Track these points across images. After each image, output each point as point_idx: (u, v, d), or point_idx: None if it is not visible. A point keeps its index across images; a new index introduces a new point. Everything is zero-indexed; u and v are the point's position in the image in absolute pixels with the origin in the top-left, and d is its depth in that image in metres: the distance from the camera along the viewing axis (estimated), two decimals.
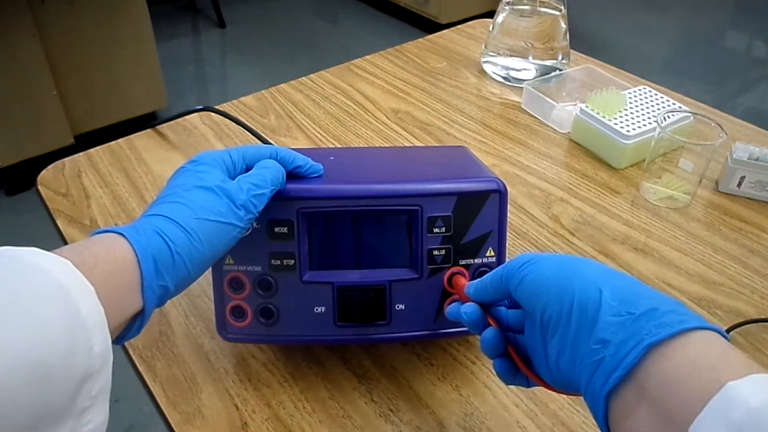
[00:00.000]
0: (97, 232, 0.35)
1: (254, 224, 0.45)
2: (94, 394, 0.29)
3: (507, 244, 0.49)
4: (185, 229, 0.37)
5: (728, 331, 0.54)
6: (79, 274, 0.30)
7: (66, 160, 0.75)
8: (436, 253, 0.47)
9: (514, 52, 0.90)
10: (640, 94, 0.79)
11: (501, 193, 0.47)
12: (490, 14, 0.95)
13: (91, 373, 0.29)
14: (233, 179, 0.42)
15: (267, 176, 0.42)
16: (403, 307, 0.47)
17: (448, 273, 0.47)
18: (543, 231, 0.65)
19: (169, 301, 0.39)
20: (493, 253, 0.48)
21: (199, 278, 0.39)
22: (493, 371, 0.50)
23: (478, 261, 0.47)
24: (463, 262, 0.47)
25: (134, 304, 0.34)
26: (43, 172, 0.73)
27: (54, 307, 0.28)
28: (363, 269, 0.47)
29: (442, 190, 0.46)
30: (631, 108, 0.76)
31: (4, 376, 0.25)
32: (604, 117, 0.74)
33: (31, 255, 0.30)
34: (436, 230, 0.46)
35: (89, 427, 0.30)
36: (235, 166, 0.43)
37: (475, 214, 0.47)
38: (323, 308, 0.47)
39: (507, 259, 0.49)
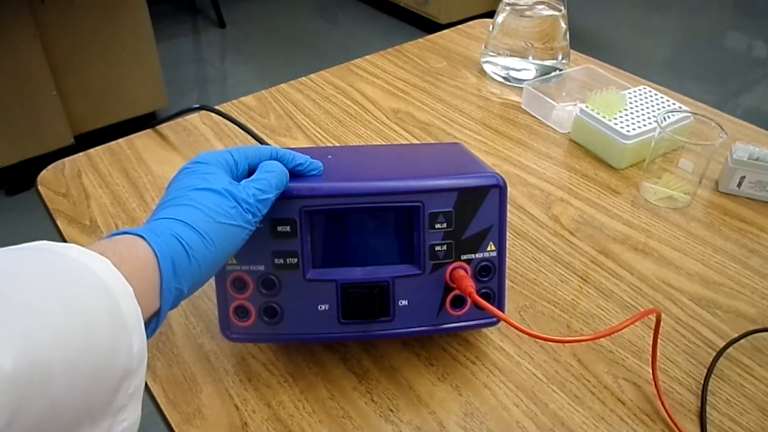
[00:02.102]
0: (115, 233, 0.35)
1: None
2: (131, 392, 0.30)
3: (507, 244, 0.49)
4: (199, 233, 0.37)
5: (734, 341, 0.54)
6: (118, 273, 0.31)
7: (66, 160, 0.75)
8: (437, 248, 0.47)
9: (514, 52, 0.90)
10: (640, 94, 0.79)
11: (501, 188, 0.47)
12: (490, 14, 0.95)
13: (130, 372, 0.30)
14: (236, 180, 0.42)
15: (272, 180, 0.42)
16: (406, 303, 0.47)
17: (450, 268, 0.47)
18: (543, 231, 0.65)
19: None
20: (493, 248, 0.48)
21: None
22: (493, 372, 0.50)
23: (479, 256, 0.48)
24: (464, 257, 0.47)
25: (152, 305, 0.34)
26: (43, 172, 0.73)
27: (100, 304, 0.29)
28: (366, 266, 0.47)
29: (443, 186, 0.46)
30: (631, 108, 0.76)
31: (62, 374, 0.26)
32: (604, 117, 0.74)
33: (72, 251, 0.30)
34: (437, 226, 0.46)
35: (124, 426, 0.30)
36: (237, 166, 0.43)
37: (475, 210, 0.47)
38: (327, 306, 0.47)
39: (507, 255, 0.50)
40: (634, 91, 0.80)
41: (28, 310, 0.26)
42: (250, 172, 0.44)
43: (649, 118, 0.75)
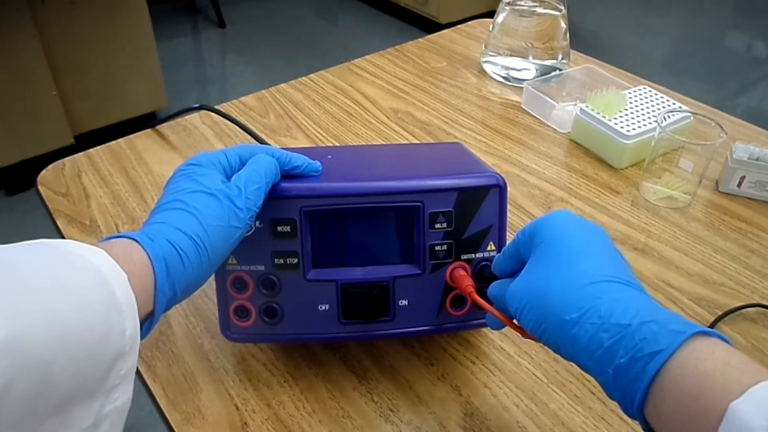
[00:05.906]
0: (110, 237, 0.37)
1: (257, 224, 0.45)
2: (123, 373, 0.32)
3: (507, 240, 0.49)
4: (192, 238, 0.38)
5: (719, 319, 0.54)
6: (113, 262, 0.33)
7: (66, 160, 0.75)
8: (437, 248, 0.47)
9: (514, 52, 0.90)
10: (640, 94, 0.79)
11: (501, 188, 0.47)
12: (490, 14, 0.95)
13: (122, 354, 0.31)
14: (229, 179, 0.42)
15: (260, 170, 0.43)
16: (406, 303, 0.47)
17: (450, 268, 0.47)
18: None
19: None
20: (494, 248, 0.48)
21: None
22: (493, 372, 0.50)
23: (479, 255, 0.48)
24: (464, 257, 0.47)
25: (146, 306, 0.35)
26: (43, 172, 0.73)
27: (95, 289, 0.31)
28: (366, 266, 0.47)
29: (443, 186, 0.46)
30: (631, 108, 0.76)
31: (56, 348, 0.27)
32: (604, 117, 0.74)
33: (69, 245, 0.32)
34: (437, 226, 0.46)
35: (116, 405, 0.32)
36: (231, 167, 0.44)
37: (475, 209, 0.47)
38: (327, 306, 0.47)
39: None
40: (634, 91, 0.80)
41: (23, 289, 0.28)
42: None
43: (649, 118, 0.75)
